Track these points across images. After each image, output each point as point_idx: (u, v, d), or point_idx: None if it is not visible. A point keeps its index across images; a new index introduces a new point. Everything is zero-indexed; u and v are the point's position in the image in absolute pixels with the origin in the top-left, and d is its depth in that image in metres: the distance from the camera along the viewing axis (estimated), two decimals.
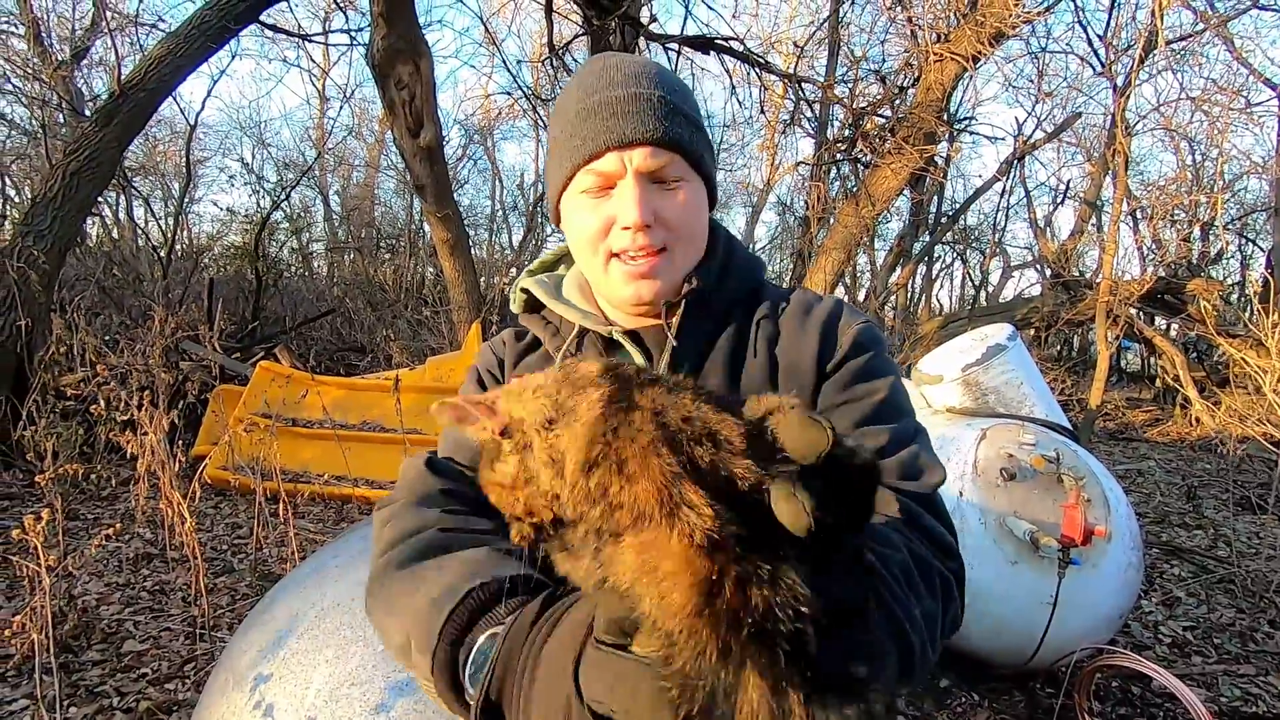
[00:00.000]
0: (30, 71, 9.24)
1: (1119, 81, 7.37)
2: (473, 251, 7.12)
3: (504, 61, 9.12)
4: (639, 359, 0.93)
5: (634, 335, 0.94)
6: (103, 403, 3.92)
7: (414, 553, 0.79)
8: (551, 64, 7.15)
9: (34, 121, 9.67)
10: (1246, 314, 7.28)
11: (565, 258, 1.10)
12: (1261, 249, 12.83)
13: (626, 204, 0.85)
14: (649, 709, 0.49)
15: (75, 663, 2.73)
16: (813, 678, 0.46)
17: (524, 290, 1.04)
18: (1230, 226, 12.27)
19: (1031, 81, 11.07)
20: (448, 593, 0.71)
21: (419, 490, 0.88)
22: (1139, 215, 11.36)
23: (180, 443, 3.62)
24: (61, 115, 9.27)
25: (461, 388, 1.04)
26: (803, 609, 0.45)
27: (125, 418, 3.42)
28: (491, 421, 0.61)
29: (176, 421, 3.71)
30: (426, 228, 11.18)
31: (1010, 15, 5.79)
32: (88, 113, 7.66)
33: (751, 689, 0.46)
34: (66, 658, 2.71)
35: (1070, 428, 3.24)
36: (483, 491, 0.64)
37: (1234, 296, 11.78)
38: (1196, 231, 11.60)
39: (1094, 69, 8.82)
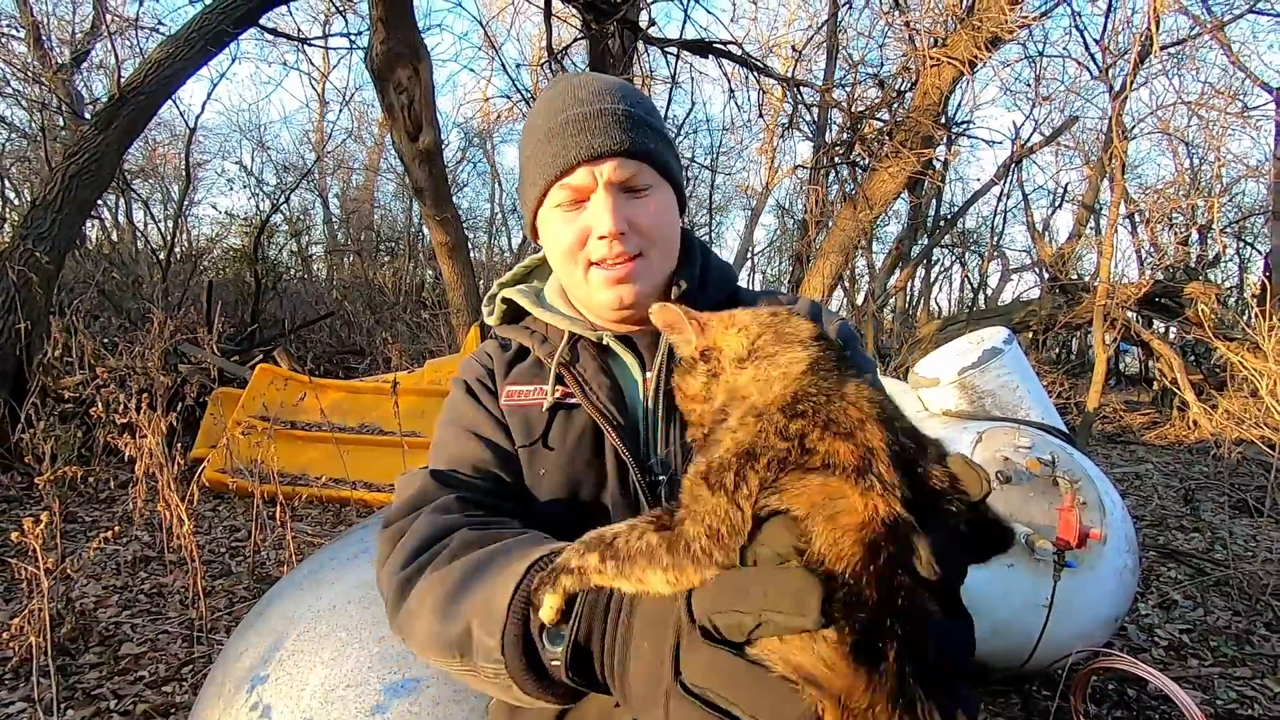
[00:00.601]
0: (30, 74, 9.26)
1: (1116, 85, 7.39)
2: (472, 254, 7.13)
3: (503, 65, 9.15)
4: (632, 363, 0.94)
5: (625, 340, 0.95)
6: (101, 405, 3.92)
7: (452, 552, 0.79)
8: (550, 68, 7.17)
9: (34, 124, 9.68)
10: (1244, 317, 7.30)
11: (536, 271, 1.11)
12: (1259, 252, 12.86)
13: (600, 214, 0.88)
14: (777, 709, 0.50)
15: (73, 665, 2.73)
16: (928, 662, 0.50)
17: (505, 301, 1.05)
18: (1228, 230, 12.29)
19: (1029, 85, 11.10)
20: (506, 572, 0.71)
21: (432, 498, 0.87)
22: (1136, 219, 11.39)
23: (179, 445, 3.62)
24: (61, 118, 9.29)
25: (449, 405, 1.00)
26: (932, 585, 0.50)
27: (124, 420, 3.42)
28: (699, 340, 0.69)
29: (175, 424, 3.71)
30: (425, 231, 11.19)
31: (1007, 20, 5.81)
32: (87, 116, 7.68)
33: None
34: (64, 660, 2.71)
35: (1066, 431, 3.25)
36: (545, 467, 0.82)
37: (1231, 300, 11.81)
38: (1194, 235, 11.62)
39: (1091, 73, 8.86)
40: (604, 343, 0.95)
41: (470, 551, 0.78)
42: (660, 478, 0.87)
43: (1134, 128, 8.96)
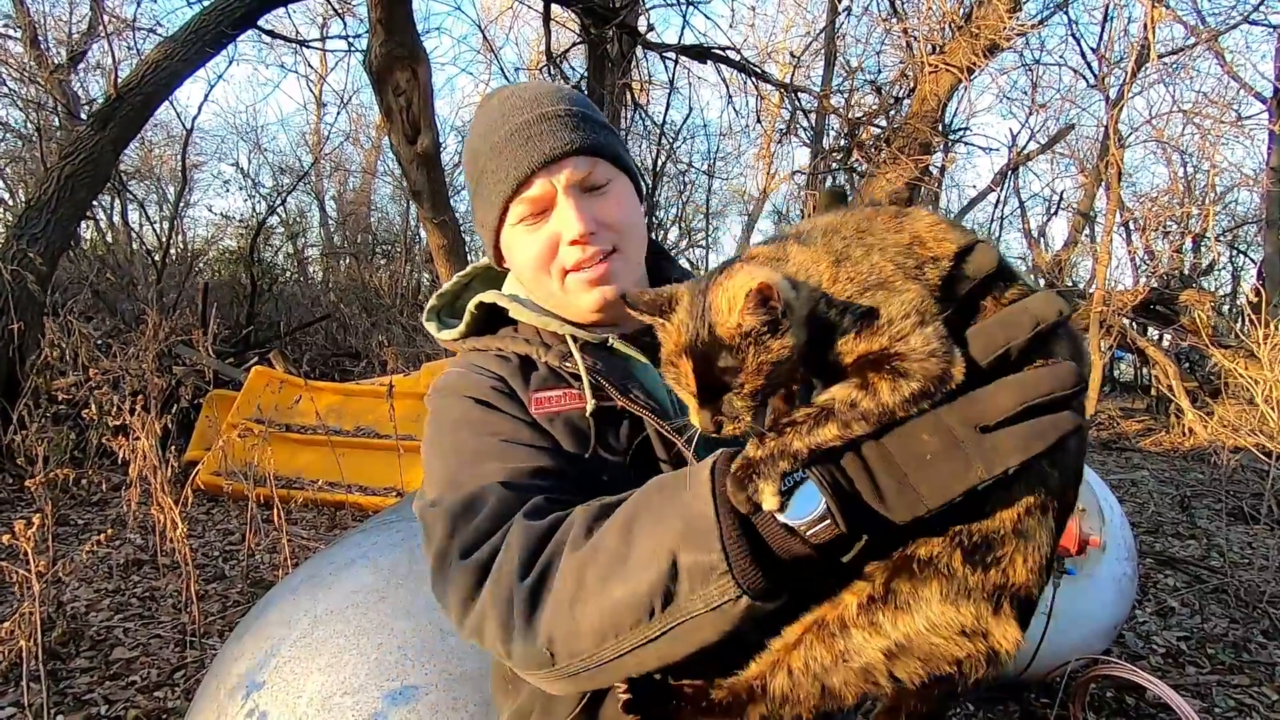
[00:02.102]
0: (26, 74, 9.23)
1: (1112, 94, 7.44)
2: (469, 258, 7.12)
3: (501, 69, 9.17)
4: (644, 360, 0.92)
5: (627, 339, 0.93)
6: (95, 407, 3.89)
7: (584, 527, 0.70)
8: (549, 72, 7.18)
9: (30, 124, 9.65)
10: (1238, 325, 7.34)
11: (467, 288, 1.05)
12: (1253, 260, 12.94)
13: (567, 220, 0.85)
14: None
15: (63, 670, 2.70)
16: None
17: (478, 308, 0.97)
18: (1222, 238, 12.37)
19: (1025, 93, 11.19)
20: (685, 496, 0.63)
21: (516, 509, 0.75)
22: (1132, 226, 11.44)
23: (173, 448, 3.59)
24: (57, 119, 9.26)
25: (459, 424, 0.88)
26: None
27: (117, 422, 3.39)
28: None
29: (169, 426, 3.69)
30: (422, 234, 11.19)
31: (1004, 28, 5.84)
32: (84, 116, 7.66)
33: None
34: (54, 665, 2.68)
35: None
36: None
37: (1226, 308, 11.88)
38: (1188, 243, 11.69)
39: (1087, 81, 8.92)
40: (609, 344, 0.92)
41: (606, 516, 0.69)
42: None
43: (1129, 136, 9.01)
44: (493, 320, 0.97)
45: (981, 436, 0.57)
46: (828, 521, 0.58)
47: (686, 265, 1.54)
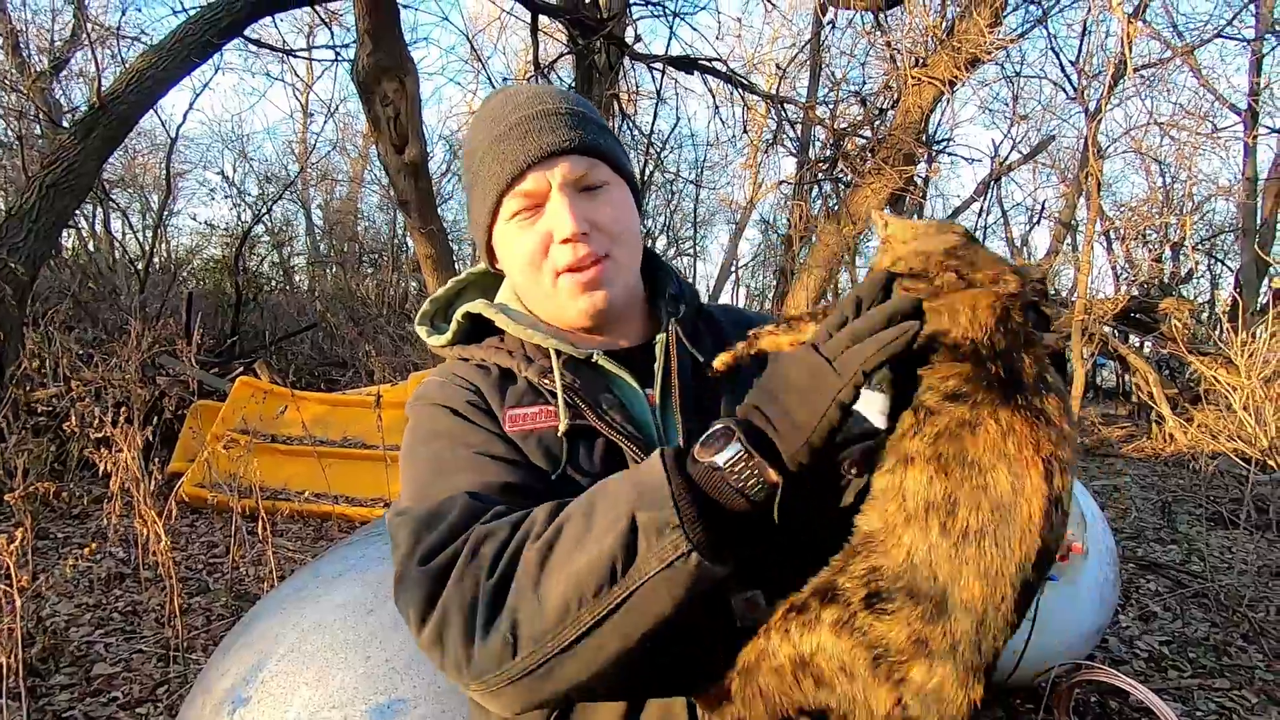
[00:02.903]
0: (8, 82, 9.13)
1: (1091, 106, 7.58)
2: (456, 267, 7.11)
3: (489, 79, 9.18)
4: (630, 379, 0.89)
5: (614, 356, 0.90)
6: (76, 419, 3.85)
7: (544, 520, 0.71)
8: (537, 82, 7.20)
9: (10, 133, 9.54)
10: (1216, 332, 7.46)
11: (462, 294, 1.03)
12: (1230, 269, 13.17)
13: (560, 217, 0.83)
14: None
15: (43, 686, 2.66)
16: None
17: (466, 317, 0.95)
18: (1199, 247, 12.59)
19: (1007, 105, 11.37)
20: (637, 473, 0.69)
21: (479, 516, 0.75)
22: (1112, 235, 11.63)
23: (156, 460, 3.56)
24: (39, 127, 9.17)
25: (433, 434, 0.87)
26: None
27: (99, 434, 3.35)
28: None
29: (152, 438, 3.65)
30: (409, 243, 11.15)
31: (986, 41, 5.94)
32: (66, 124, 7.59)
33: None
34: (34, 681, 2.64)
35: None
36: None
37: (1204, 315, 12.07)
38: (1167, 251, 11.88)
39: (1067, 94, 9.08)
40: (593, 360, 0.88)
41: (565, 510, 0.71)
42: None
43: (1109, 147, 9.18)
44: (480, 328, 0.96)
45: (842, 353, 0.64)
46: (740, 451, 0.65)
47: None
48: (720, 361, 0.77)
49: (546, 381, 0.86)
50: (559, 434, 0.84)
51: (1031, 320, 0.63)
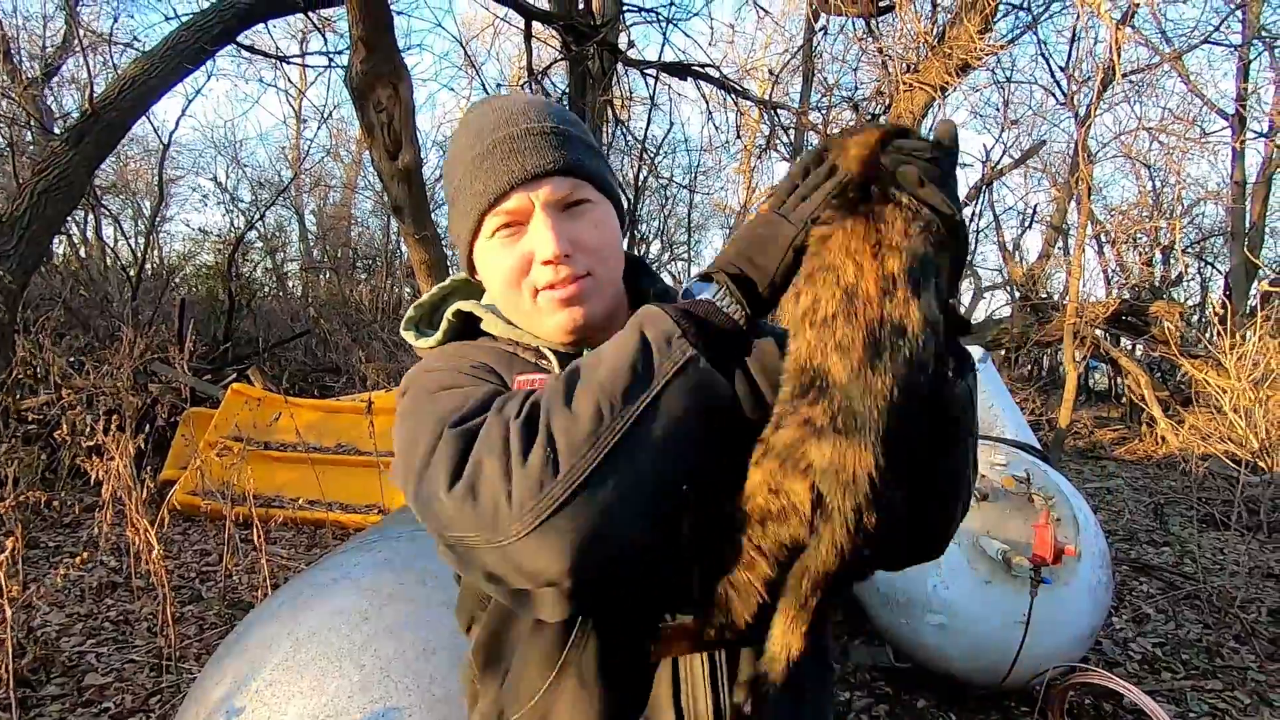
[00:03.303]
0: None
1: (1080, 111, 7.63)
2: (450, 272, 7.10)
3: (483, 85, 9.18)
4: None
5: None
6: (67, 427, 3.82)
7: (565, 373, 0.74)
8: (530, 88, 7.22)
9: (1, 139, 9.49)
10: (1207, 335, 7.52)
11: (446, 299, 1.03)
12: (1219, 272, 13.27)
13: (543, 238, 0.84)
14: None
15: (34, 697, 2.64)
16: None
17: (456, 316, 0.95)
18: (1189, 250, 12.68)
19: (998, 110, 11.45)
20: (635, 316, 0.76)
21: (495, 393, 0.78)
22: (1103, 239, 11.72)
23: (148, 468, 3.54)
24: (30, 133, 9.12)
25: (435, 387, 0.84)
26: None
27: (91, 442, 3.33)
28: None
29: (144, 446, 3.63)
30: (403, 248, 11.13)
31: (976, 47, 5.99)
32: (57, 131, 7.56)
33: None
34: (25, 692, 2.62)
35: (1040, 448, 3.31)
36: None
37: (1195, 318, 12.16)
38: (1158, 255, 11.97)
39: (1057, 99, 9.14)
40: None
41: (577, 360, 0.76)
42: None
43: (1099, 151, 9.23)
44: (469, 330, 0.96)
45: (795, 209, 0.74)
46: (721, 289, 0.75)
47: (669, 278, 1.54)
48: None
49: (544, 363, 0.88)
50: None
51: (915, 162, 0.72)
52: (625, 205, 1.05)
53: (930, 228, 0.68)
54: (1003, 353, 9.58)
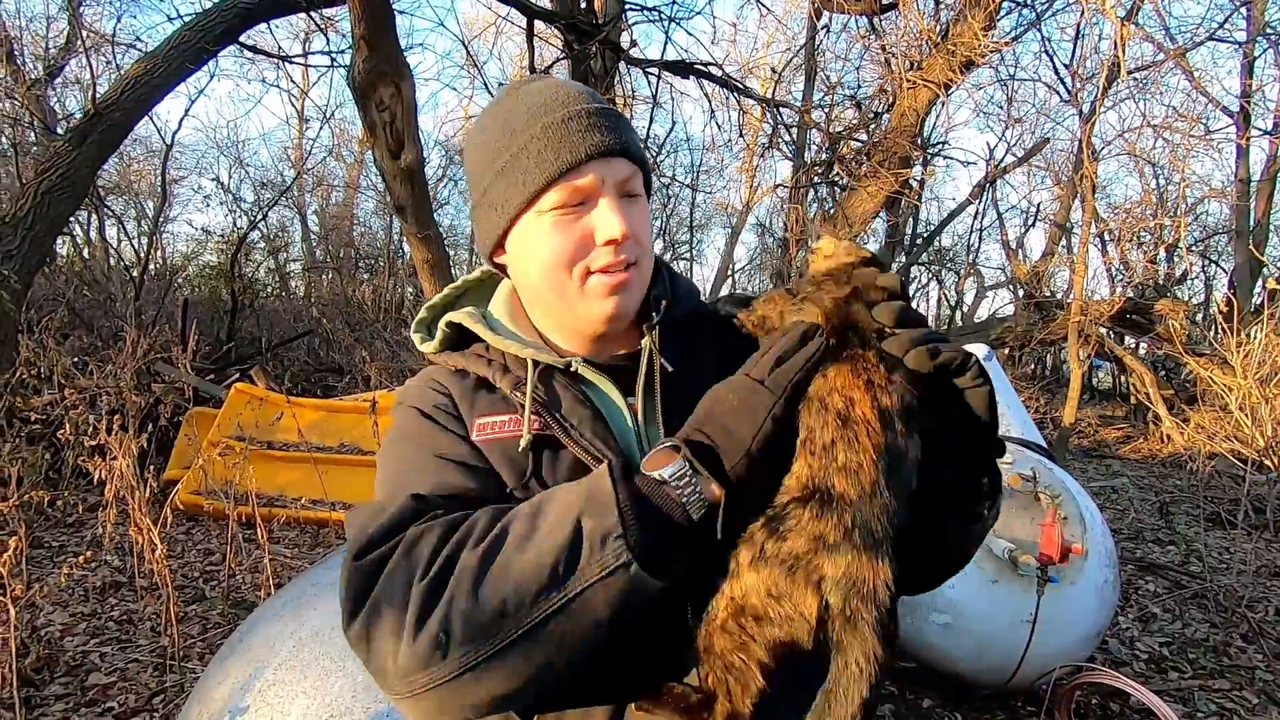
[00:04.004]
0: (2, 90, 9.11)
1: (1085, 109, 7.61)
2: (453, 272, 7.10)
3: (485, 84, 9.18)
4: (611, 388, 0.87)
5: (597, 366, 0.88)
6: (70, 426, 3.82)
7: (486, 524, 0.71)
8: None
9: (4, 140, 9.52)
10: (1212, 333, 7.48)
11: (461, 298, 1.02)
12: (1224, 270, 13.23)
13: (610, 219, 0.82)
14: None
15: (38, 697, 2.64)
16: None
17: (450, 326, 0.95)
18: (1194, 248, 12.64)
19: (1001, 108, 11.41)
20: (582, 483, 0.72)
21: (417, 515, 0.75)
22: (1107, 237, 11.67)
23: (151, 467, 3.54)
24: (34, 134, 9.14)
25: (401, 434, 0.88)
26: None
27: (94, 442, 3.33)
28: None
29: (147, 445, 3.63)
30: (406, 248, 11.15)
31: (980, 45, 5.96)
32: (60, 131, 7.57)
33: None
34: (29, 691, 2.62)
35: (1045, 446, 3.29)
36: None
37: (1199, 316, 12.12)
38: (1162, 253, 11.92)
39: (1061, 96, 9.11)
40: (573, 369, 0.87)
41: (510, 514, 0.72)
42: None
43: (1103, 149, 9.20)
44: (467, 335, 0.94)
45: (771, 374, 0.73)
46: (685, 466, 0.70)
47: None
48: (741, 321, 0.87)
49: (518, 394, 0.85)
50: (519, 447, 0.83)
51: (886, 309, 0.75)
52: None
53: (906, 376, 0.73)
54: (1007, 351, 9.55)
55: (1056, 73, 8.09)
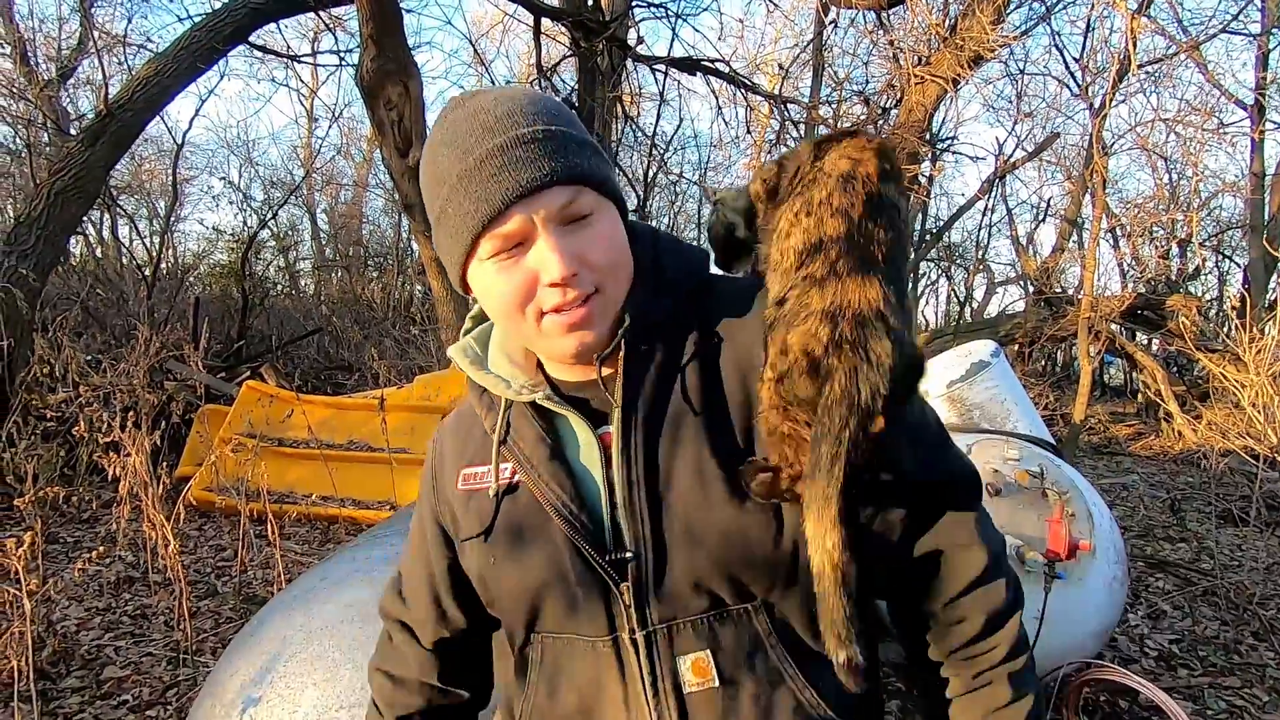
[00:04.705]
0: (16, 90, 9.21)
1: (1095, 102, 7.55)
2: None
3: (492, 82, 9.21)
4: (576, 420, 0.82)
5: (568, 398, 0.84)
6: (85, 424, 3.87)
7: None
8: (540, 85, 7.22)
9: (19, 141, 9.62)
10: (1225, 329, 7.42)
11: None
12: (1238, 265, 13.10)
13: (548, 260, 0.75)
14: None
15: (54, 689, 2.68)
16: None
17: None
18: (1206, 243, 12.52)
19: (1011, 102, 11.35)
20: None
21: (394, 617, 1.00)
22: (1118, 232, 11.60)
23: (164, 464, 3.58)
24: (47, 134, 9.24)
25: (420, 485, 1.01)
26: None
27: (108, 439, 3.37)
28: None
29: (160, 442, 3.67)
30: (414, 246, 11.20)
31: (989, 39, 5.93)
32: (73, 132, 7.64)
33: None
34: (45, 684, 2.66)
35: (1054, 443, 3.27)
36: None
37: (1212, 312, 12.01)
38: (1174, 248, 11.82)
39: (1071, 90, 9.05)
40: (536, 403, 0.83)
41: None
42: (628, 554, 0.77)
43: (1114, 144, 9.14)
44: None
45: None
46: None
47: None
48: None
49: (494, 435, 0.85)
50: (490, 494, 0.84)
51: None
52: (626, 199, 1.00)
53: None
54: (1016, 347, 9.49)
55: (1067, 66, 8.06)
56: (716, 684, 0.76)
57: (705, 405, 0.80)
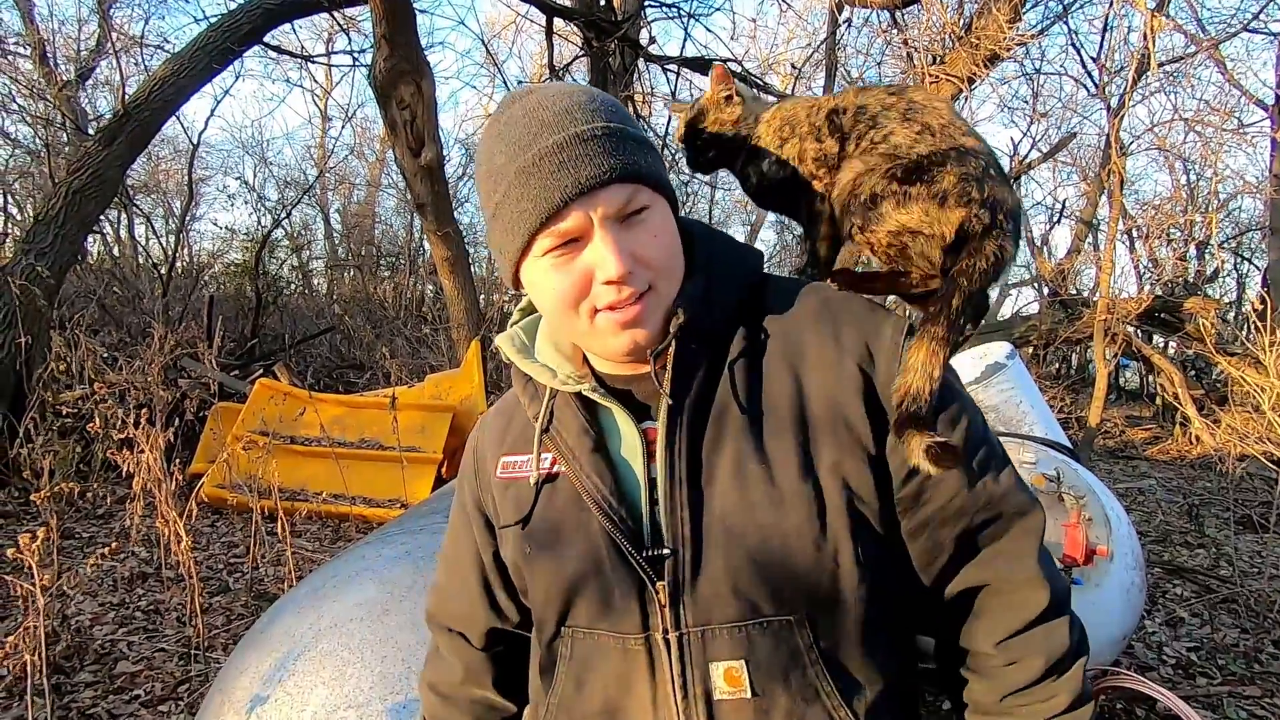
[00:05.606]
0: (35, 91, 9.33)
1: (1113, 102, 7.46)
2: (473, 269, 7.14)
3: (505, 82, 9.25)
4: (621, 414, 0.82)
5: (615, 391, 0.84)
6: (100, 420, 3.90)
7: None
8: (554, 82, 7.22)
9: (38, 140, 9.74)
10: (1243, 332, 7.30)
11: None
12: (1257, 267, 12.91)
13: (605, 257, 0.75)
14: None
15: (67, 684, 2.70)
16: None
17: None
18: (1225, 245, 12.35)
19: (1026, 102, 11.22)
20: None
21: (438, 630, 1.02)
22: (1135, 234, 11.44)
23: (177, 461, 3.60)
24: (65, 134, 9.35)
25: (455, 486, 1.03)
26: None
27: (122, 436, 3.40)
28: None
29: (174, 439, 3.69)
30: (426, 245, 11.24)
31: (1004, 38, 5.87)
32: (91, 131, 7.73)
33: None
34: (59, 679, 2.68)
35: (1070, 446, 3.23)
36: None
37: (1231, 315, 11.84)
38: (1192, 250, 11.66)
39: (1088, 90, 8.95)
40: (582, 394, 0.83)
41: None
42: (665, 550, 0.76)
43: (1131, 144, 9.03)
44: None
45: None
46: None
47: None
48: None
49: (537, 424, 0.86)
50: (530, 483, 0.84)
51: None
52: (685, 206, 1.01)
53: None
54: (1031, 350, 9.40)
55: (1084, 66, 7.96)
56: (748, 695, 0.74)
57: (750, 404, 0.79)
